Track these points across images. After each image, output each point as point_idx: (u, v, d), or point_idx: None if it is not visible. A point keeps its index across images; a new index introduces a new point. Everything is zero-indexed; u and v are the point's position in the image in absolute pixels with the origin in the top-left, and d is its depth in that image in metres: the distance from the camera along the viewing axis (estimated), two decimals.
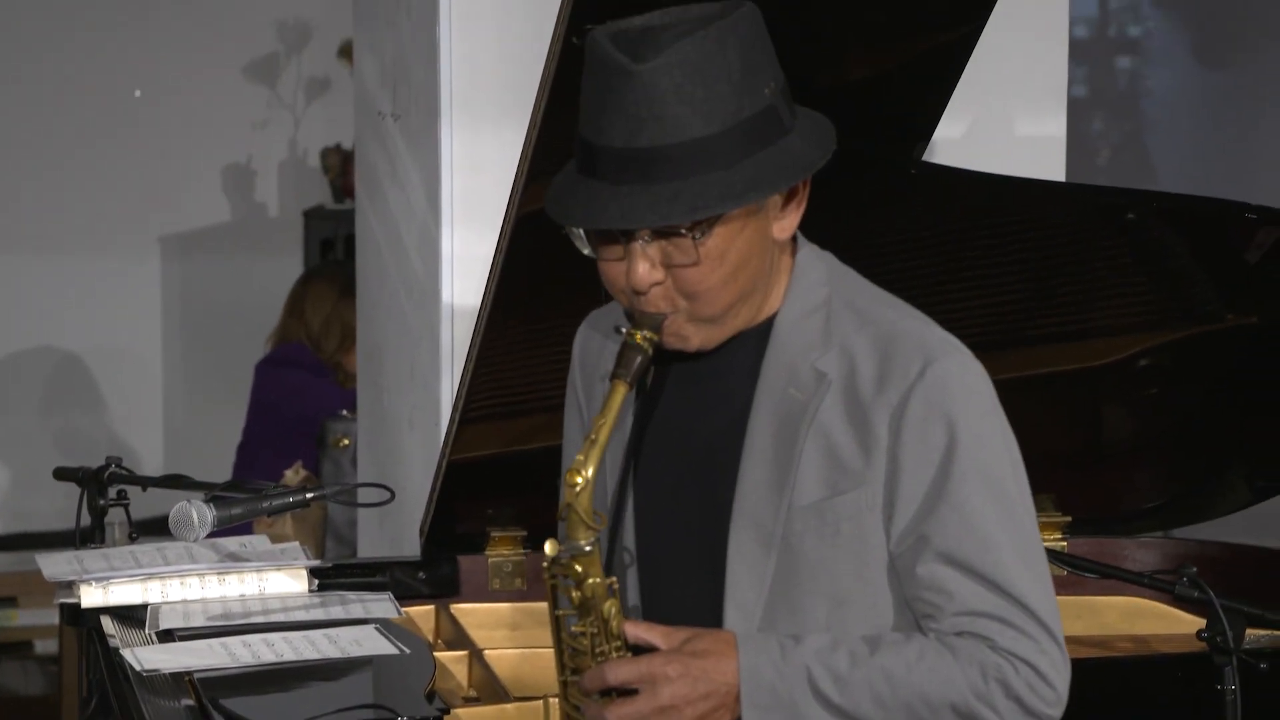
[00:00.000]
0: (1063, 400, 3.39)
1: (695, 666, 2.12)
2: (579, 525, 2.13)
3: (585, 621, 2.16)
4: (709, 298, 2.15)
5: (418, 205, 3.80)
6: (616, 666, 2.13)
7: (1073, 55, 4.02)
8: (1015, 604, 2.13)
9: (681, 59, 2.06)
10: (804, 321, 2.21)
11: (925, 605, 2.16)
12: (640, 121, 2.06)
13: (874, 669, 2.12)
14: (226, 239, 7.53)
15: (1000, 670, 2.12)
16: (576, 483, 2.11)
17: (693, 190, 2.07)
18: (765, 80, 2.11)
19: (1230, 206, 3.24)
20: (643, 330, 2.15)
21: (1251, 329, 3.29)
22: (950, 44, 3.06)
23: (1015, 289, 3.27)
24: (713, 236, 2.11)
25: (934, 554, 2.14)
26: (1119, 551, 3.50)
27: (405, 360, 3.92)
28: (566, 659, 2.21)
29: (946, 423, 2.14)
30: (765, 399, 2.21)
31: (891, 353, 2.17)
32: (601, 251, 2.16)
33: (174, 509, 2.89)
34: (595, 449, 2.12)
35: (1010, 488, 2.17)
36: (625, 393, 2.14)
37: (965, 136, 3.77)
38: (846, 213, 3.01)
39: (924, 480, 2.14)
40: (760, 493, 2.19)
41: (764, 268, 2.19)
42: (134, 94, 7.37)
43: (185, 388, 7.50)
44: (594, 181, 2.11)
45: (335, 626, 2.80)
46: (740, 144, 2.09)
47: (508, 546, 3.31)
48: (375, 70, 4.07)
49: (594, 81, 2.11)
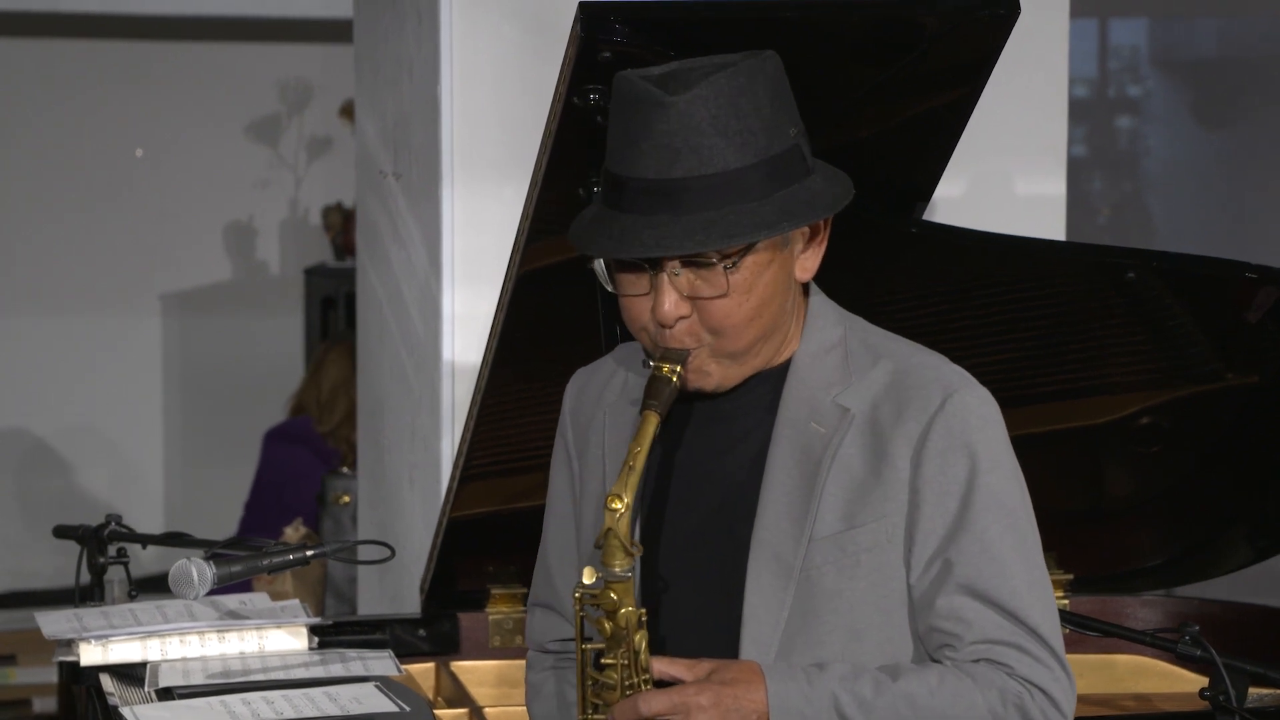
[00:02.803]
0: (1064, 458, 3.39)
1: (726, 695, 2.13)
2: (618, 550, 2.13)
3: (616, 654, 2.16)
4: (734, 333, 2.18)
5: (419, 264, 3.81)
6: (649, 698, 2.14)
7: (1072, 115, 4.05)
8: (1030, 633, 2.17)
9: (716, 91, 2.11)
10: (823, 358, 2.25)
11: (943, 635, 2.18)
12: (675, 152, 2.10)
13: (898, 694, 2.14)
14: (228, 297, 7.55)
15: (1019, 697, 2.16)
16: (616, 508, 2.12)
17: (726, 220, 2.11)
18: (790, 122, 2.17)
19: (1230, 266, 3.24)
20: (669, 363, 2.17)
21: (1252, 388, 3.29)
22: (951, 104, 3.07)
23: (1016, 347, 3.27)
24: (742, 269, 2.15)
25: (955, 584, 2.17)
26: (1122, 610, 3.52)
27: (406, 418, 3.93)
28: (590, 696, 2.21)
29: (967, 454, 2.18)
30: (785, 433, 2.23)
31: (910, 385, 2.21)
32: (625, 287, 2.19)
33: (174, 566, 2.88)
34: (633, 475, 2.13)
35: (1022, 517, 2.22)
36: (657, 423, 2.16)
37: (966, 195, 3.80)
38: (848, 272, 3.01)
39: (947, 511, 2.18)
40: (781, 525, 2.21)
41: (786, 306, 2.22)
42: (136, 153, 7.41)
43: (185, 446, 7.51)
44: (623, 214, 2.14)
45: (335, 684, 2.79)
46: (770, 178, 2.13)
47: (508, 604, 3.32)
48: (376, 130, 4.09)
49: (624, 117, 2.14)
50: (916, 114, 3.08)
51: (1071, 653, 3.41)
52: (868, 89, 3.00)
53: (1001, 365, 3.27)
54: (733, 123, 2.10)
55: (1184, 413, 3.34)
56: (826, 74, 2.91)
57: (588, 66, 2.68)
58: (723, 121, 2.10)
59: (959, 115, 3.08)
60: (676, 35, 2.72)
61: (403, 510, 3.96)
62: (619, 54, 2.69)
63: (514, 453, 3.19)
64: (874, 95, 3.01)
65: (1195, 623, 2.93)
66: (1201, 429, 3.38)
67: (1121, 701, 3.34)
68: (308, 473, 5.53)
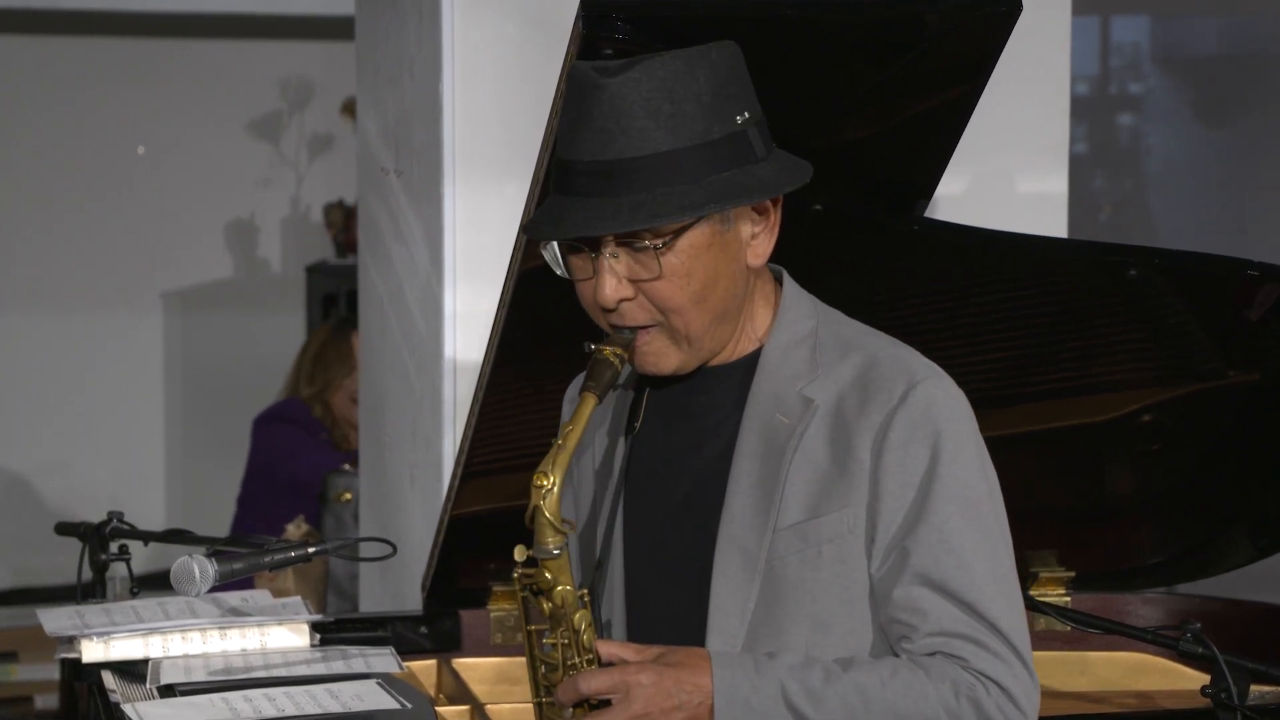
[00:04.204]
0: (1066, 456, 3.39)
1: (669, 676, 2.13)
2: (547, 528, 2.14)
3: (556, 633, 2.17)
4: (683, 315, 2.18)
5: (420, 261, 3.82)
6: (589, 677, 2.14)
7: (1074, 113, 4.05)
8: (988, 627, 2.15)
9: (649, 74, 2.12)
10: (791, 351, 2.25)
11: (900, 627, 2.18)
12: (608, 134, 2.12)
13: (848, 685, 2.13)
14: (230, 294, 7.56)
15: (973, 689, 2.14)
16: (543, 485, 2.13)
17: (655, 200, 2.12)
18: (738, 109, 2.17)
19: (1232, 264, 3.24)
20: (613, 346, 2.19)
21: (1253, 386, 3.30)
22: (952, 102, 3.06)
23: (1017, 344, 3.28)
24: (676, 250, 2.15)
25: (911, 574, 2.16)
26: (1123, 607, 3.52)
27: (407, 416, 3.93)
28: (541, 678, 2.22)
29: (928, 444, 2.17)
30: (752, 424, 2.24)
31: (874, 377, 2.21)
32: (574, 271, 2.21)
33: (176, 563, 2.89)
34: (563, 454, 2.14)
35: (986, 511, 2.20)
36: (594, 404, 2.17)
37: (968, 193, 3.80)
38: (849, 269, 3.03)
39: (905, 500, 2.17)
40: (746, 516, 2.22)
41: (736, 291, 2.22)
42: (137, 151, 7.41)
43: (187, 443, 7.52)
44: (565, 197, 2.16)
45: (337, 681, 2.79)
46: (706, 162, 2.13)
47: (510, 601, 3.32)
48: (378, 127, 4.09)
49: (569, 102, 2.17)
50: (918, 113, 3.08)
51: (1072, 649, 3.45)
52: (869, 87, 2.99)
53: (1003, 362, 3.28)
54: (665, 106, 2.12)
55: (1185, 411, 3.34)
56: (827, 73, 2.91)
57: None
58: (655, 104, 2.11)
59: (960, 114, 3.08)
60: (677, 33, 2.68)
61: (404, 508, 3.96)
62: (620, 52, 2.66)
63: (515, 450, 3.19)
64: (875, 94, 3.00)
65: (1197, 620, 2.94)
66: (1202, 427, 3.38)
67: (1123, 699, 3.34)
68: (296, 450, 5.55)
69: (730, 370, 2.26)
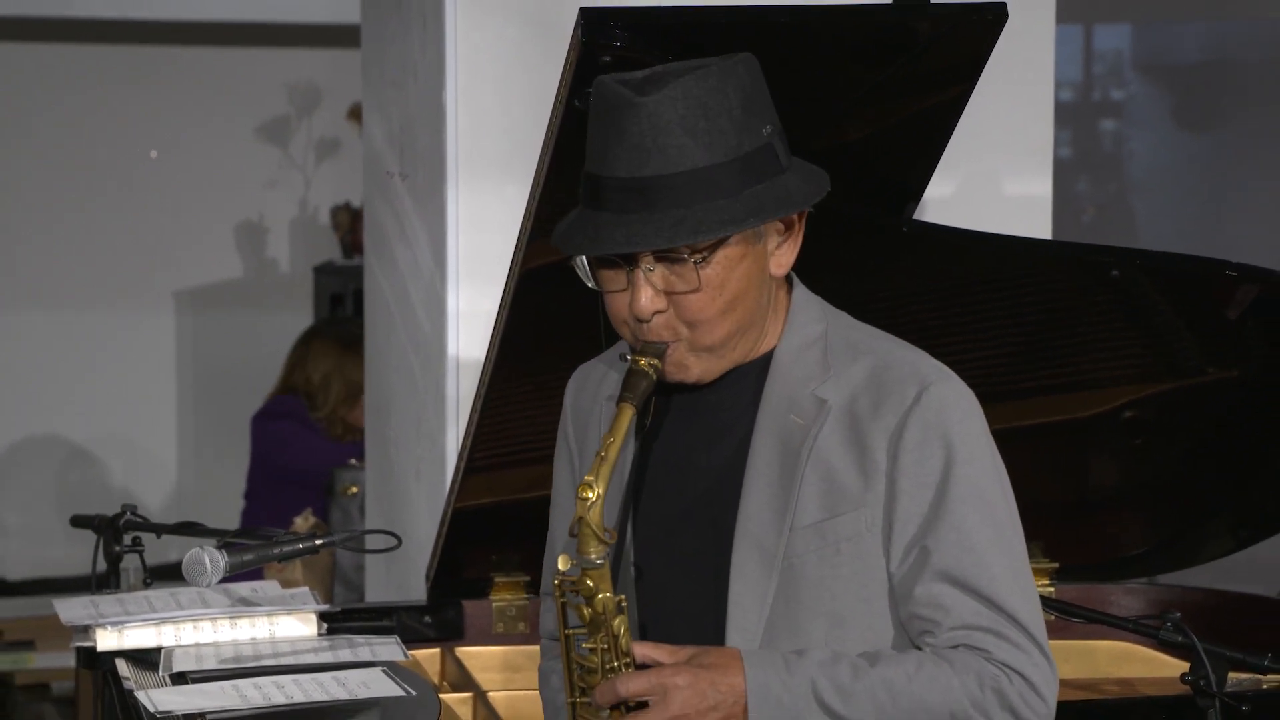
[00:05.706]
0: (1051, 451, 3.41)
1: (704, 677, 2.16)
2: (590, 539, 2.16)
3: (595, 638, 2.19)
4: (709, 327, 2.21)
5: (424, 262, 3.83)
6: (628, 679, 2.17)
7: (1058, 118, 4.05)
8: (1008, 619, 2.19)
9: (685, 92, 2.14)
10: (803, 353, 2.28)
11: (922, 622, 2.21)
12: (645, 152, 2.14)
13: (875, 680, 2.17)
14: (238, 294, 7.57)
15: (996, 680, 2.18)
16: (588, 497, 2.15)
17: (696, 216, 2.14)
18: (763, 121, 2.19)
19: (1211, 264, 3.26)
20: (647, 357, 2.21)
21: (1232, 382, 3.32)
22: (940, 106, 3.08)
23: (1004, 343, 3.29)
24: (713, 264, 2.18)
25: (933, 572, 2.19)
26: (1106, 597, 3.53)
27: (412, 412, 3.93)
28: (576, 679, 2.24)
29: (943, 445, 2.21)
30: (766, 425, 2.26)
31: (887, 379, 2.24)
32: (605, 283, 2.22)
33: (187, 555, 2.91)
34: (605, 465, 2.16)
35: (1001, 507, 2.24)
36: (632, 414, 2.19)
37: (955, 195, 3.81)
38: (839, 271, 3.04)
39: (923, 501, 2.20)
40: (763, 515, 2.24)
41: (761, 301, 2.25)
42: (150, 155, 7.43)
43: (197, 439, 7.53)
44: (599, 213, 2.17)
45: (343, 669, 2.83)
46: (741, 176, 2.16)
47: (511, 591, 3.34)
48: (383, 131, 4.09)
49: (600, 119, 2.18)
50: (908, 115, 3.09)
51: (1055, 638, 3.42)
52: (862, 92, 3.01)
53: (991, 361, 3.29)
54: (701, 122, 2.14)
55: (1167, 406, 3.36)
56: (824, 76, 2.93)
57: (588, 71, 2.67)
58: (691, 121, 2.13)
59: (949, 117, 3.10)
60: (675, 40, 2.73)
61: (409, 501, 3.96)
62: (619, 58, 2.69)
63: (516, 446, 3.21)
64: (869, 97, 3.02)
65: (1177, 610, 2.96)
66: (1184, 422, 3.39)
67: (1104, 686, 3.35)
68: (293, 440, 5.58)
69: (744, 371, 2.28)
